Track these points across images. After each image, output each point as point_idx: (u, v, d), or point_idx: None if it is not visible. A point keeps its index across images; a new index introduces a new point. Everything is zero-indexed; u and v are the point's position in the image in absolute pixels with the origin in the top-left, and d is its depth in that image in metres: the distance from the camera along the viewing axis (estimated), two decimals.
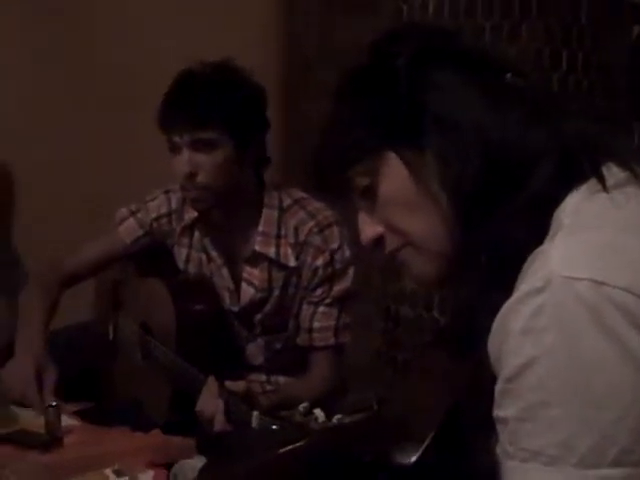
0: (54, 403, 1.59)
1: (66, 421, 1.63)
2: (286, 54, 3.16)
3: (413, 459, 1.01)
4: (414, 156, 0.99)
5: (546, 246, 0.89)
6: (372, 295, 2.91)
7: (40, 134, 2.70)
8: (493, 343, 0.89)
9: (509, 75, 1.01)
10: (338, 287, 1.96)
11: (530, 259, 0.90)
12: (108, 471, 1.45)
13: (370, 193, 1.04)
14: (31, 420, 1.67)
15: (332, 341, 1.97)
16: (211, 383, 1.71)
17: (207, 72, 1.88)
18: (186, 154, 1.85)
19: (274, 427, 1.45)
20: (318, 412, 1.41)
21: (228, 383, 1.68)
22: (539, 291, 0.84)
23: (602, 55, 2.58)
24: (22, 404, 1.77)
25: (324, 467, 1.03)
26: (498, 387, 0.88)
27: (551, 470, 0.83)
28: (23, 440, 1.56)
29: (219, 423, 1.65)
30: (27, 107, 2.69)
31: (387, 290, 2.93)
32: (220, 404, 1.65)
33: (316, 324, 1.96)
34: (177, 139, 1.85)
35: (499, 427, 0.89)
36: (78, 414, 1.81)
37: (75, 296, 2.14)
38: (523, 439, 0.85)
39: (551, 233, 0.91)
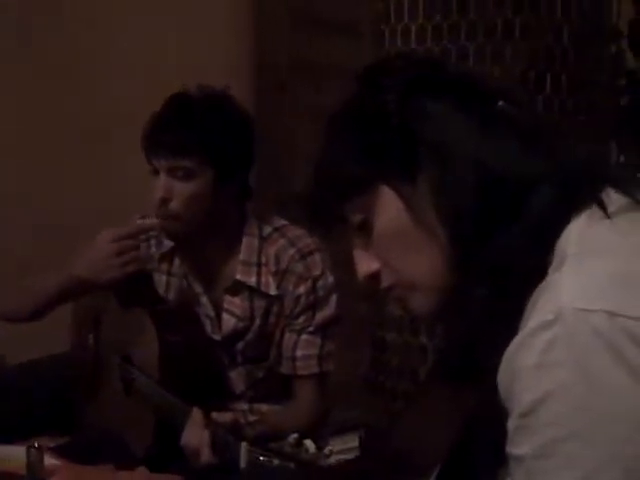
0: (36, 444, 1.54)
1: (48, 460, 1.59)
2: (258, 74, 3.14)
3: None
4: (409, 189, 0.98)
5: (554, 277, 0.87)
6: (358, 320, 2.89)
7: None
8: (503, 380, 0.87)
9: (501, 102, 1.00)
10: (321, 314, 1.94)
11: (537, 291, 0.88)
12: None
13: (365, 228, 1.02)
14: (10, 461, 1.63)
15: (316, 369, 1.94)
16: (196, 414, 1.67)
17: (197, 99, 1.86)
18: (163, 179, 1.82)
19: (263, 460, 1.42)
20: (309, 443, 1.39)
21: (214, 414, 1.65)
22: (550, 324, 0.83)
23: (584, 74, 2.60)
24: None
25: None
26: (512, 424, 0.86)
27: None
28: None
29: (205, 455, 1.62)
30: None
31: (373, 316, 2.91)
32: (206, 436, 1.62)
33: (299, 352, 1.94)
34: (156, 163, 1.83)
35: (513, 464, 0.87)
36: (55, 450, 1.77)
37: (53, 326, 2.09)
38: (540, 477, 0.83)
39: (555, 264, 0.89)
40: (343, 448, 1.34)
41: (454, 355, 1.08)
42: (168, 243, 2.00)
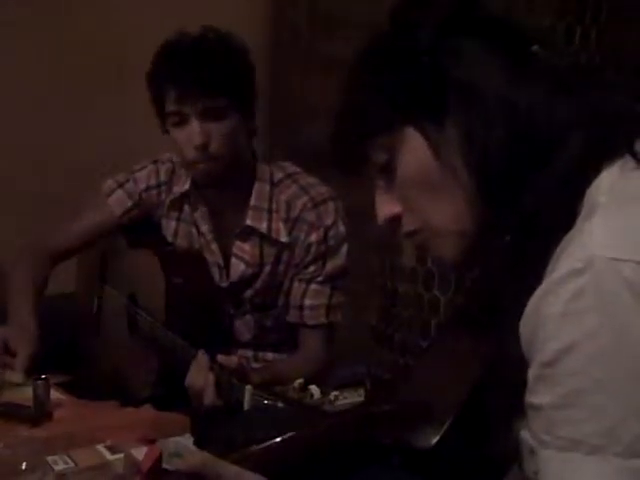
0: (43, 376, 1.54)
1: (54, 395, 1.58)
2: (273, 22, 3.10)
3: (433, 442, 0.99)
4: (436, 131, 0.95)
5: (584, 225, 0.85)
6: (369, 271, 2.88)
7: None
8: (526, 327, 0.86)
9: (536, 46, 0.98)
10: (331, 265, 1.92)
11: (566, 240, 0.86)
12: (101, 447, 1.40)
13: (388, 170, 1.00)
14: (17, 393, 1.62)
15: (323, 319, 1.94)
16: (201, 356, 1.67)
17: (205, 38, 1.83)
18: (196, 124, 1.80)
19: (267, 403, 1.42)
20: (314, 388, 1.38)
21: (220, 357, 1.64)
22: (580, 272, 0.81)
23: (615, 34, 2.56)
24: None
25: (343, 449, 1.01)
26: (533, 372, 0.84)
27: (593, 459, 0.80)
28: (11, 413, 1.51)
29: (209, 397, 1.61)
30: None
31: (385, 267, 2.90)
32: (210, 378, 1.62)
33: (307, 302, 1.93)
34: (187, 109, 1.80)
35: (531, 414, 0.86)
36: (60, 386, 1.77)
37: (59, 266, 2.09)
38: (562, 427, 0.82)
39: (584, 213, 0.87)
40: (347, 402, 1.34)
41: (477, 302, 1.07)
42: (178, 190, 1.99)
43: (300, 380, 1.40)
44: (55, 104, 2.69)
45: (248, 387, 1.48)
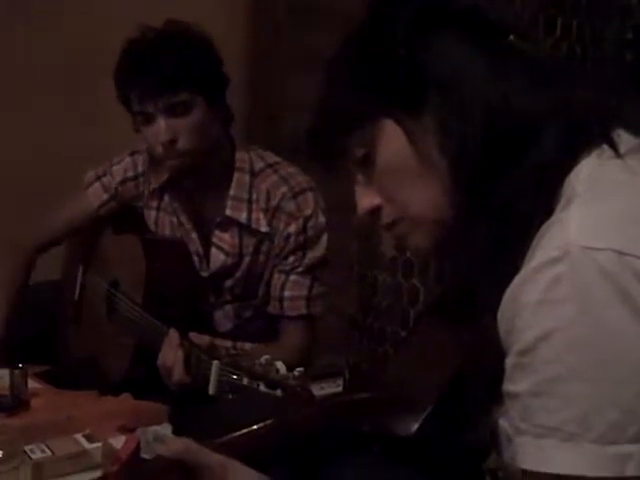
0: (20, 365, 1.53)
1: (31, 384, 1.58)
2: (254, 14, 3.09)
3: (413, 430, 0.99)
4: (413, 123, 0.95)
5: (561, 214, 0.86)
6: (349, 261, 2.88)
7: None
8: (504, 315, 0.86)
9: (512, 37, 0.98)
10: (311, 255, 1.92)
11: (543, 229, 0.86)
12: (78, 436, 1.40)
13: (367, 163, 1.00)
14: None
15: (304, 311, 1.93)
16: (172, 333, 1.67)
17: (165, 34, 1.82)
18: (162, 121, 1.79)
19: (234, 378, 1.41)
20: (280, 364, 1.38)
21: (192, 334, 1.65)
22: (556, 261, 0.81)
23: (595, 24, 2.57)
24: None
25: (323, 437, 1.01)
26: (510, 360, 0.85)
27: (568, 446, 0.80)
28: None
29: (177, 374, 1.61)
30: None
31: (365, 257, 2.90)
32: (180, 354, 1.62)
33: (287, 293, 1.92)
34: (151, 106, 1.79)
35: (509, 402, 0.86)
36: (38, 376, 1.76)
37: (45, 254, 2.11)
38: (538, 415, 0.82)
39: (563, 202, 0.87)
40: (325, 393, 1.33)
41: (455, 291, 1.07)
42: (156, 180, 1.98)
43: (267, 356, 1.41)
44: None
45: (215, 362, 1.47)
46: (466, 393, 0.98)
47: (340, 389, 1.31)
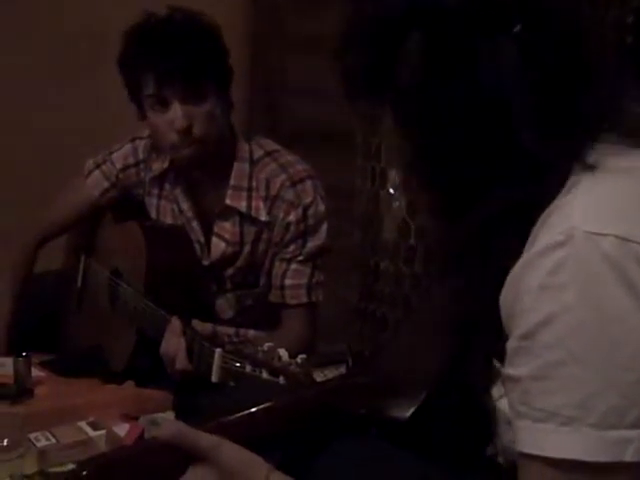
0: (24, 353, 1.55)
1: (35, 372, 1.60)
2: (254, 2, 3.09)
3: (408, 414, 1.00)
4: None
5: (566, 198, 0.86)
6: (351, 248, 2.88)
7: None
8: (506, 299, 0.86)
9: (519, 27, 0.96)
10: (311, 244, 1.93)
11: (546, 213, 0.86)
12: (83, 424, 1.42)
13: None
14: None
15: (305, 299, 1.94)
16: (174, 321, 1.68)
17: (181, 20, 1.82)
18: (178, 108, 1.79)
19: (237, 366, 1.43)
20: (282, 352, 1.40)
21: (194, 322, 1.66)
22: (560, 245, 0.81)
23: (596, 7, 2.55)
24: None
25: (320, 420, 1.02)
26: (511, 344, 0.85)
27: (567, 430, 0.80)
28: None
29: (180, 362, 1.63)
30: None
31: (367, 243, 2.92)
32: (182, 342, 1.63)
33: (288, 282, 1.93)
34: (167, 92, 1.79)
35: (509, 386, 0.86)
36: (42, 364, 1.78)
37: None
38: (537, 399, 0.82)
39: (567, 186, 0.87)
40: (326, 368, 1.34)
41: (452, 274, 1.07)
42: (157, 168, 1.99)
43: (270, 343, 1.42)
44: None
45: (218, 350, 1.49)
46: (464, 377, 0.99)
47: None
